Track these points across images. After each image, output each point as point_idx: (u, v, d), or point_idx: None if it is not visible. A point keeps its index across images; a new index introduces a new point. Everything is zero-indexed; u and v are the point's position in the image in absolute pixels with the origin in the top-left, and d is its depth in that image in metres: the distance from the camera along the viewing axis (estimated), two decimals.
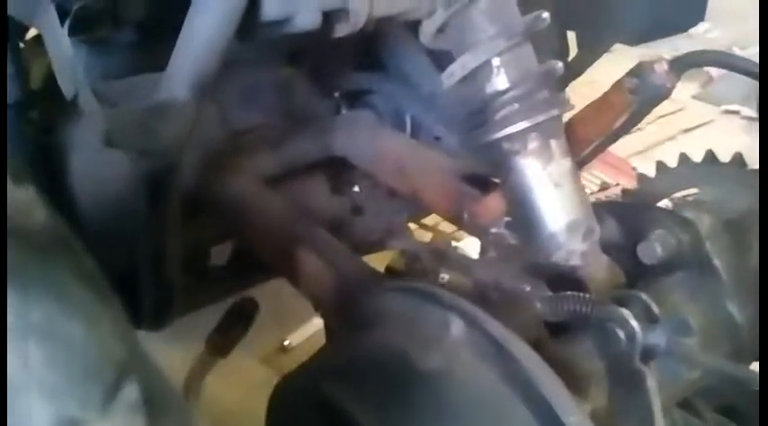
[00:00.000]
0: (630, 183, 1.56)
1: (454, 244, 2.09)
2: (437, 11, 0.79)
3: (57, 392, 0.27)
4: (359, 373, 0.65)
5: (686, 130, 3.18)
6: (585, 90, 1.22)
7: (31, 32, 1.30)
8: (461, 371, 0.62)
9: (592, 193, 2.76)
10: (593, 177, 3.09)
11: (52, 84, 1.01)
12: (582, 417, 0.59)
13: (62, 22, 0.88)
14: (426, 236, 2.32)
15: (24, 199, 0.31)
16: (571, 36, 1.67)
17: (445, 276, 0.80)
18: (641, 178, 1.12)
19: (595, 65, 1.67)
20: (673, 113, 3.18)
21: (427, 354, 0.63)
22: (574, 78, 1.69)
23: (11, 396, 0.26)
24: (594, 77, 1.66)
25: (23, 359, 0.26)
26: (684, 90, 3.29)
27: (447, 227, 2.14)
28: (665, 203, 1.02)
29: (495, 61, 0.79)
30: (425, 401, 0.60)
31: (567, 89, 1.65)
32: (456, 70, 0.80)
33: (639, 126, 1.01)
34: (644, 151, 2.96)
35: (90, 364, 0.29)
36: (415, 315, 0.67)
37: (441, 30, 0.82)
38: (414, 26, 0.96)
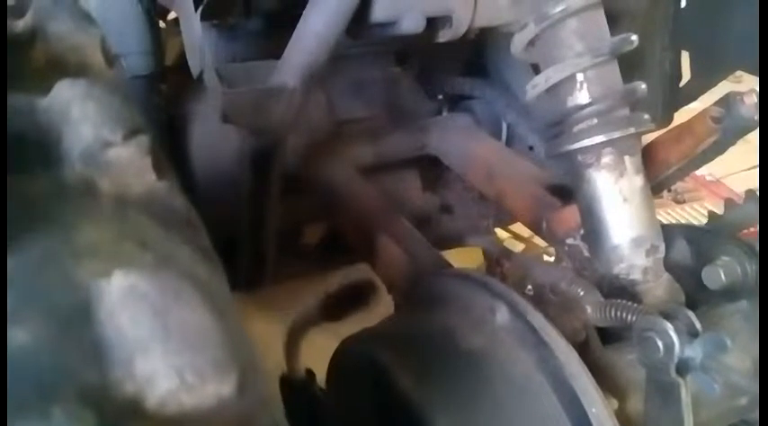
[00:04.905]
0: None
1: (546, 257, 2.10)
2: (529, 25, 0.84)
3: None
4: (408, 344, 0.72)
5: None
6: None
7: (172, 15, 1.45)
8: (500, 354, 0.67)
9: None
10: (703, 209, 3.01)
11: (183, 62, 1.14)
12: (605, 409, 0.63)
13: (196, 8, 0.99)
14: (519, 247, 2.35)
15: (167, 187, 0.40)
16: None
17: (529, 289, 0.85)
18: (728, 204, 1.12)
19: None
20: None
21: (472, 335, 0.69)
22: (685, 104, 1.67)
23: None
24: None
25: None
26: None
27: (541, 241, 2.16)
28: None
29: (579, 76, 0.83)
30: (462, 375, 0.66)
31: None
32: (540, 82, 0.85)
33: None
34: None
35: None
36: (467, 299, 0.73)
37: (531, 43, 0.87)
38: None
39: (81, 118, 0.34)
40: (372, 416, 0.74)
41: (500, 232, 2.04)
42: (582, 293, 0.78)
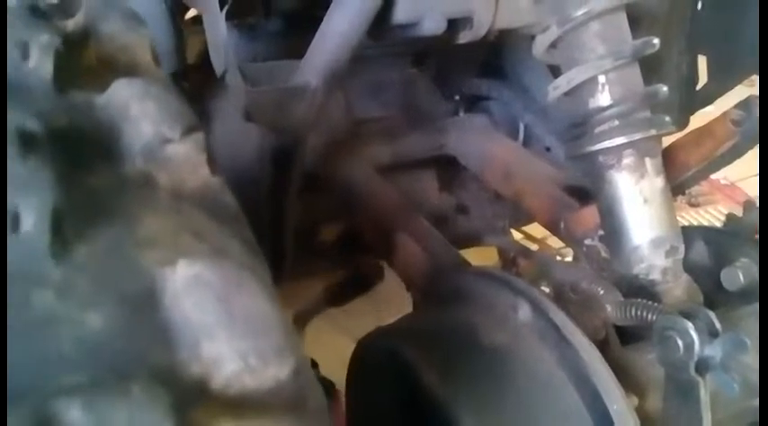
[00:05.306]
0: None
1: (559, 259, 2.10)
2: (551, 27, 0.85)
3: None
4: (432, 339, 0.73)
5: None
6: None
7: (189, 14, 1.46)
8: (522, 351, 0.68)
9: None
10: (717, 213, 3.01)
11: (205, 61, 1.15)
12: (625, 406, 0.64)
13: (221, 8, 1.01)
14: (533, 248, 2.35)
15: (219, 183, 0.43)
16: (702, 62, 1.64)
17: (546, 289, 0.86)
18: (747, 206, 1.12)
19: None
20: None
21: (494, 331, 0.70)
22: (701, 107, 1.67)
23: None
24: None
25: None
26: None
27: (554, 242, 2.16)
28: None
29: (601, 78, 0.84)
30: (485, 371, 0.68)
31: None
32: (562, 83, 0.85)
33: None
34: None
35: None
36: (490, 296, 0.74)
37: (553, 45, 0.87)
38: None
39: (140, 115, 0.36)
40: (395, 411, 0.75)
41: (513, 233, 2.05)
42: (602, 292, 0.79)
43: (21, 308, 0.28)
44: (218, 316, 0.29)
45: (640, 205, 0.85)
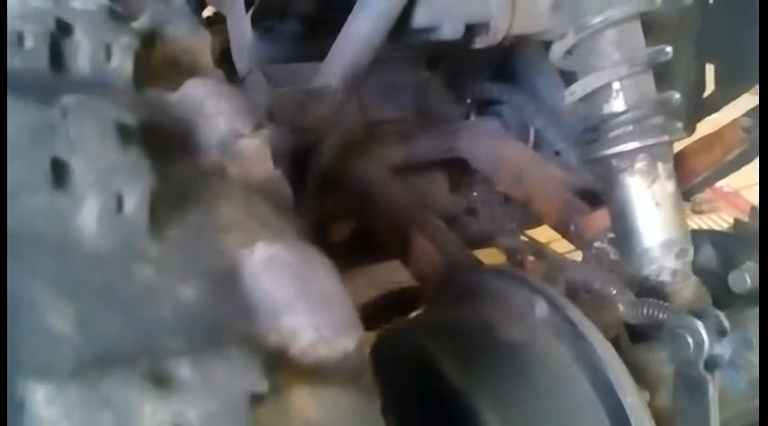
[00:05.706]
0: None
1: None
2: (568, 34, 0.87)
3: None
4: (451, 333, 0.76)
5: None
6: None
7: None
8: (538, 346, 0.71)
9: None
10: (721, 220, 3.04)
11: (220, 61, 1.18)
12: (638, 399, 0.66)
13: (247, 10, 1.04)
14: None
15: (280, 176, 0.47)
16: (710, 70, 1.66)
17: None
18: (754, 211, 1.15)
19: None
20: None
21: (511, 327, 0.72)
22: (708, 114, 1.70)
23: None
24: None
25: None
26: None
27: (558, 247, 2.19)
28: None
29: (616, 85, 0.86)
30: (502, 365, 0.70)
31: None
32: (578, 89, 0.88)
33: None
34: None
35: None
36: (506, 294, 0.77)
37: (569, 52, 0.90)
38: (548, 45, 1.05)
39: (215, 112, 0.39)
40: (413, 404, 0.78)
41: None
42: (615, 292, 0.82)
43: (125, 280, 0.31)
44: (297, 292, 0.33)
45: (652, 208, 0.88)
